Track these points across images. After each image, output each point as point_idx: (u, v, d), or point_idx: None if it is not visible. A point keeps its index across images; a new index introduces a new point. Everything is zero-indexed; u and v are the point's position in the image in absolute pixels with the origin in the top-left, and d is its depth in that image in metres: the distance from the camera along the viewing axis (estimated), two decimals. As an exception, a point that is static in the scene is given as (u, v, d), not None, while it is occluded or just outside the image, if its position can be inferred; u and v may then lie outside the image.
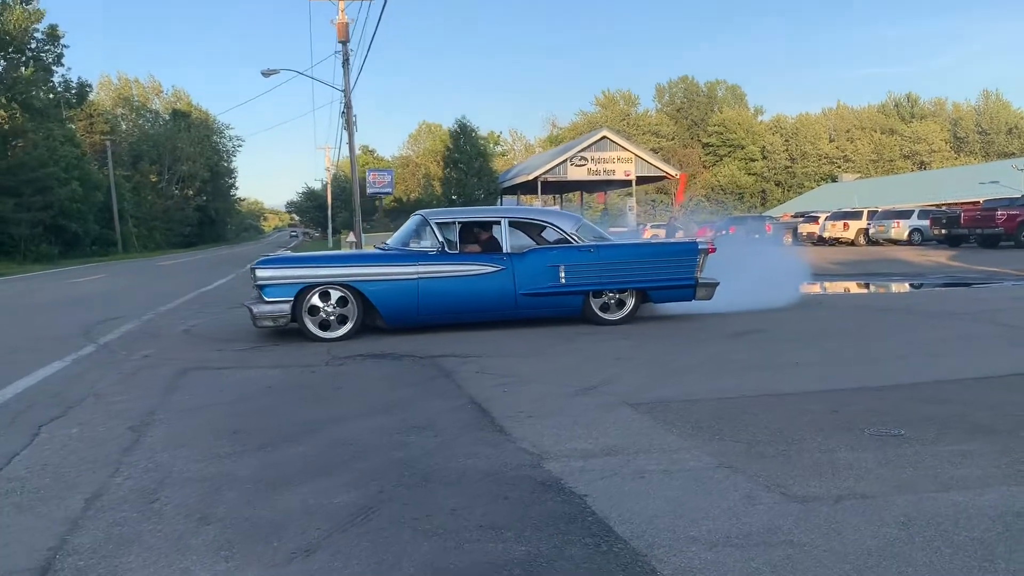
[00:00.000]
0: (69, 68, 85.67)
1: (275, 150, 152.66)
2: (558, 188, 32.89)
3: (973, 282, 15.15)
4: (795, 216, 44.83)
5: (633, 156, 30.32)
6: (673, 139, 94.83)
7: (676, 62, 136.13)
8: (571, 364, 6.76)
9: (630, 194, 30.24)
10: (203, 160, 74.38)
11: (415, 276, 8.38)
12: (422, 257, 8.51)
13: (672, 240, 9.24)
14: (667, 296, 9.22)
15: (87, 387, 6.16)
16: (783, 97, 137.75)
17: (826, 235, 37.58)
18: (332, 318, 8.29)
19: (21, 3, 38.48)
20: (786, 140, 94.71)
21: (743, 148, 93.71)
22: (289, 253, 9.56)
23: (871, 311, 10.11)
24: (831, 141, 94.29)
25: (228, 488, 3.80)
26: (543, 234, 9.51)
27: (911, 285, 15.21)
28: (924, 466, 3.97)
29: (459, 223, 8.83)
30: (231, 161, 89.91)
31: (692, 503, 3.50)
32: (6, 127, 34.94)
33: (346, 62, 28.05)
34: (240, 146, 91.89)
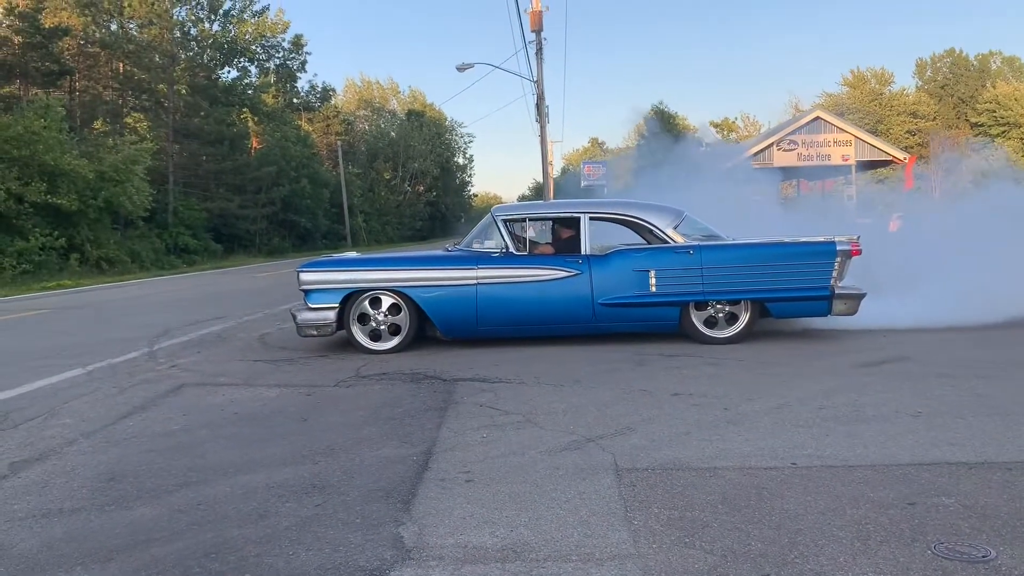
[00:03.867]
0: (315, 74, 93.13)
1: (508, 145, 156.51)
2: (766, 176, 29.84)
3: None
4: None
5: (852, 138, 26.75)
6: (935, 119, 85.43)
7: (941, 35, 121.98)
8: (606, 400, 5.34)
9: (848, 182, 26.78)
10: (433, 157, 77.31)
11: (474, 281, 7.24)
12: (483, 260, 7.35)
13: (799, 239, 7.35)
14: (792, 310, 7.37)
15: (59, 402, 5.73)
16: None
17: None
18: (383, 328, 7.36)
19: (253, 17, 41.66)
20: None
21: (1021, 127, 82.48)
22: (349, 254, 8.75)
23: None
24: None
25: (-35, 573, 2.95)
26: (652, 232, 7.93)
27: None
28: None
29: (529, 220, 7.57)
30: (464, 157, 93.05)
31: None
32: (235, 130, 38.01)
33: (539, 52, 27.31)
34: (470, 143, 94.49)
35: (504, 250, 7.38)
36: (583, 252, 7.35)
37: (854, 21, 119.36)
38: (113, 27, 35.22)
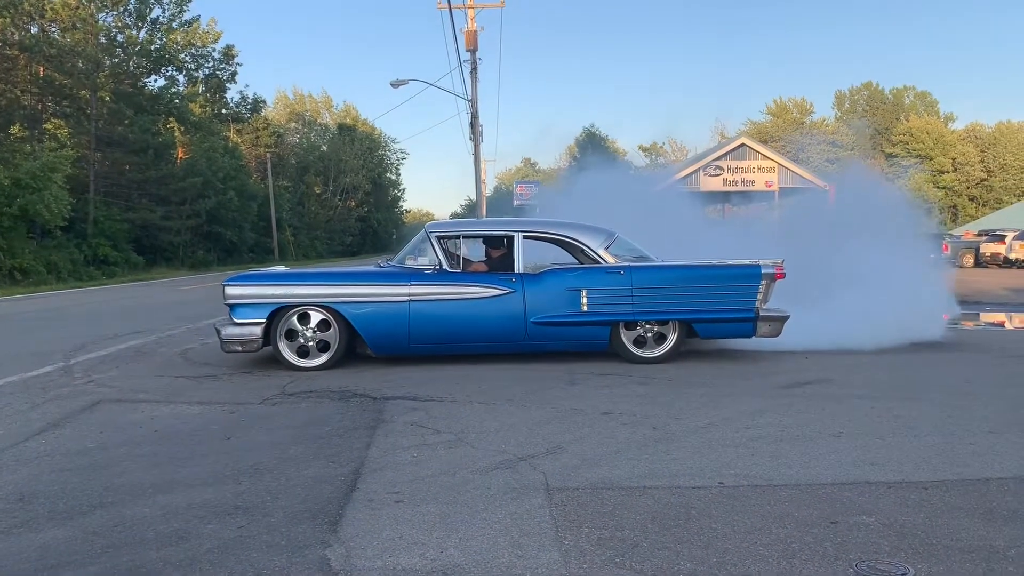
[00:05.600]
0: (247, 85, 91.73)
1: (441, 162, 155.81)
2: (691, 199, 30.39)
3: None
4: (979, 235, 40.05)
5: (776, 165, 27.64)
6: (852, 149, 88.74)
7: (859, 68, 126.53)
8: (537, 419, 5.34)
9: (772, 208, 27.55)
10: (365, 172, 76.66)
11: (406, 298, 7.17)
12: (416, 276, 7.29)
13: (726, 263, 7.51)
14: (718, 331, 7.52)
15: (-35, 420, 5.44)
16: (980, 104, 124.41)
17: (1013, 256, 33.15)
18: (311, 344, 7.23)
19: (183, 26, 40.75)
20: (982, 151, 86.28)
21: (931, 159, 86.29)
22: (277, 268, 8.60)
23: (1015, 357, 7.93)
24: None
25: None
26: (583, 252, 7.99)
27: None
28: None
29: (463, 237, 7.55)
30: (396, 173, 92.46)
31: None
32: (161, 139, 37.04)
33: (474, 71, 27.41)
34: (404, 159, 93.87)
35: (437, 267, 7.34)
36: (517, 270, 7.36)
37: (778, 51, 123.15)
38: (33, 30, 34.00)
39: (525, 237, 7.50)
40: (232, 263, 43.92)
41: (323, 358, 7.22)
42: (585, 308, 7.25)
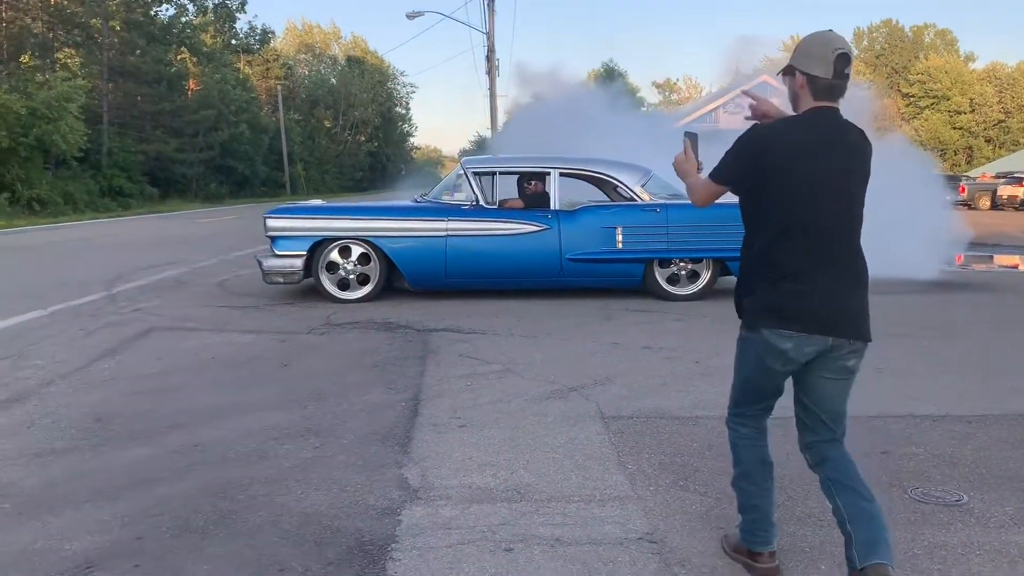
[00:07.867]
0: (255, 15, 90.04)
1: (450, 100, 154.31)
2: (707, 138, 29.99)
3: None
4: (996, 176, 39.68)
5: (797, 104, 27.34)
6: (869, 88, 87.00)
7: (879, 4, 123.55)
8: (580, 352, 5.48)
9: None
10: (375, 106, 75.90)
11: (444, 233, 7.26)
12: (454, 211, 7.37)
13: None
14: (751, 269, 7.60)
15: (26, 344, 5.62)
16: (1001, 42, 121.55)
17: (1030, 199, 32.90)
18: (352, 277, 7.36)
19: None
20: (1000, 91, 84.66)
21: (949, 99, 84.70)
22: (316, 202, 8.69)
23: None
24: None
25: (-28, 509, 2.95)
26: (617, 189, 8.02)
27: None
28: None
29: (499, 173, 7.59)
30: (406, 108, 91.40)
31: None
32: (172, 71, 36.70)
33: (491, 3, 27.02)
34: (413, 93, 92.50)
35: (474, 203, 7.40)
36: (552, 207, 7.43)
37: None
38: (42, -45, 33.42)
39: (561, 174, 7.54)
40: (244, 196, 43.87)
41: (364, 291, 7.35)
42: (620, 245, 7.33)
